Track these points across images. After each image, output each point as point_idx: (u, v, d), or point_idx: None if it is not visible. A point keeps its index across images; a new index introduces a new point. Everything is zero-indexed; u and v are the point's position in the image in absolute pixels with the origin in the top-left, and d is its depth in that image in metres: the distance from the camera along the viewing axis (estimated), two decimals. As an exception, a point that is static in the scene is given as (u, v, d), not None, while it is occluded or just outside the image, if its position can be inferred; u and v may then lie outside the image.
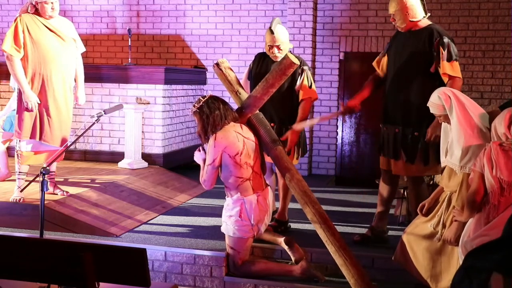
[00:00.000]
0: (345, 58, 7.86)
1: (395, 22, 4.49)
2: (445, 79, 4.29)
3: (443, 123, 3.81)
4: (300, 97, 4.87)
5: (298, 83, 4.86)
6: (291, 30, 7.76)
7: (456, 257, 3.61)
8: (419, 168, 4.42)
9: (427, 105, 3.85)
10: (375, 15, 7.74)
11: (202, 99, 4.30)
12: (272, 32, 4.82)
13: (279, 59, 4.83)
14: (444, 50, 4.28)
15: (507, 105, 4.32)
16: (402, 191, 5.25)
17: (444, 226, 3.71)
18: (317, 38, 7.96)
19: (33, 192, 5.18)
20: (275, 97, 4.59)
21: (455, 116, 3.62)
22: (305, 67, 4.89)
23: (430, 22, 4.48)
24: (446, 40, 4.30)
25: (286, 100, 4.87)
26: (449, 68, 4.27)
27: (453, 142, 3.63)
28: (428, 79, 4.35)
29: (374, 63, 4.77)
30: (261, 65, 5.01)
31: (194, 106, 4.31)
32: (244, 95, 4.48)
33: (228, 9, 8.21)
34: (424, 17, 4.44)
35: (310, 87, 4.87)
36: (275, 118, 4.91)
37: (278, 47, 4.86)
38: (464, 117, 3.59)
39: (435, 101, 3.74)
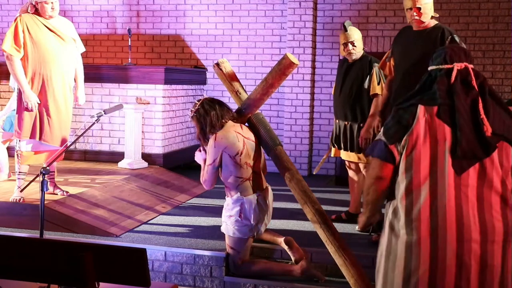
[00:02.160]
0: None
1: (420, 17, 4.41)
2: None
3: None
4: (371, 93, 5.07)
5: (367, 81, 5.07)
6: (291, 30, 7.77)
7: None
8: None
9: None
10: (375, 15, 7.74)
11: (197, 102, 4.33)
12: (345, 30, 5.09)
13: (354, 57, 5.15)
14: None
15: (508, 105, 4.32)
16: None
17: None
18: (317, 38, 7.96)
19: (33, 192, 5.18)
20: (347, 95, 5.07)
21: None
22: (375, 65, 5.07)
23: (436, 22, 4.49)
24: (457, 38, 4.34)
25: (357, 98, 5.10)
26: None
27: None
28: None
29: (381, 68, 4.81)
30: (340, 68, 5.34)
31: (191, 111, 4.34)
32: (244, 95, 4.48)
33: (228, 9, 8.21)
34: (435, 15, 4.50)
35: (378, 84, 5.05)
36: (349, 116, 5.15)
37: (352, 43, 5.09)
38: None
39: None
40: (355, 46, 5.11)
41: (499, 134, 2.65)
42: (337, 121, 5.30)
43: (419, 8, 4.38)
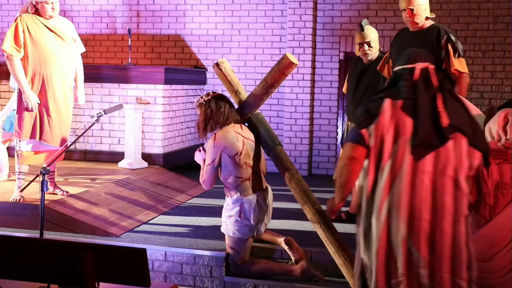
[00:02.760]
0: (345, 58, 7.86)
1: (413, 18, 4.47)
2: (454, 76, 4.38)
3: None
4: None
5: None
6: (291, 30, 7.77)
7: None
8: None
9: None
10: (375, 15, 7.74)
11: (211, 93, 4.33)
12: (362, 29, 5.01)
13: (369, 57, 5.07)
14: (452, 47, 4.37)
15: (507, 105, 4.32)
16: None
17: None
18: (317, 38, 7.96)
19: (33, 192, 5.18)
20: (361, 97, 4.83)
21: None
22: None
23: (433, 22, 4.52)
24: (453, 37, 4.38)
25: None
26: (458, 65, 4.37)
27: None
28: None
29: (379, 70, 4.81)
30: (353, 67, 5.23)
31: (201, 97, 4.32)
32: (244, 94, 4.48)
33: (228, 9, 8.21)
34: (432, 16, 4.54)
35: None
36: None
37: (369, 44, 5.01)
38: None
39: None
40: (371, 47, 5.04)
41: (454, 126, 2.93)
42: (349, 122, 5.26)
43: (412, 10, 4.45)
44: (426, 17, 4.52)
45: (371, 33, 5.04)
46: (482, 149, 3.02)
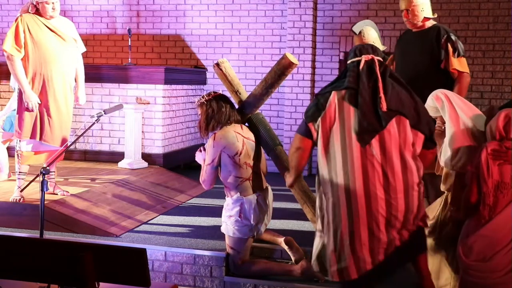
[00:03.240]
0: (345, 58, 7.85)
1: (410, 19, 4.51)
2: (454, 75, 4.40)
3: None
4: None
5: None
6: (291, 30, 7.77)
7: (454, 256, 3.62)
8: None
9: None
10: (375, 15, 7.74)
11: (212, 93, 4.33)
12: (355, 34, 4.96)
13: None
14: (452, 47, 4.39)
15: (508, 106, 4.32)
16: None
17: (440, 225, 3.72)
18: (317, 38, 7.96)
19: (33, 192, 5.18)
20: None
21: (448, 118, 3.66)
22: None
23: (434, 22, 4.55)
24: (453, 37, 4.40)
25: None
26: (457, 64, 4.40)
27: (446, 142, 3.67)
28: (438, 77, 4.42)
29: None
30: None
31: (203, 97, 4.32)
32: (244, 94, 4.48)
33: (228, 9, 8.21)
34: (434, 16, 4.55)
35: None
36: None
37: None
38: (455, 118, 3.62)
39: (429, 103, 3.80)
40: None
41: (394, 109, 3.25)
42: None
43: (408, 10, 4.48)
44: (426, 17, 4.53)
45: (369, 36, 4.94)
46: (425, 132, 3.33)
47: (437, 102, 3.72)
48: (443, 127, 3.83)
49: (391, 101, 3.24)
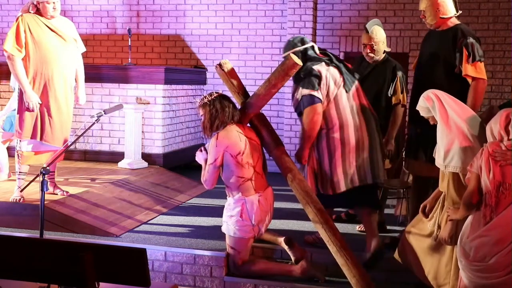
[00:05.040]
0: (345, 58, 7.85)
1: (425, 19, 4.42)
2: (469, 81, 4.20)
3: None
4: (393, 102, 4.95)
5: (391, 89, 4.93)
6: (291, 30, 7.76)
7: (455, 257, 3.62)
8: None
9: (416, 108, 3.88)
10: (375, 15, 7.74)
11: (214, 93, 4.32)
12: (366, 31, 4.94)
13: (374, 59, 4.97)
14: (467, 51, 4.19)
15: (508, 105, 4.31)
16: (402, 191, 5.25)
17: (439, 225, 3.72)
18: (317, 38, 7.96)
19: (33, 192, 5.18)
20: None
21: (438, 117, 3.66)
22: (399, 72, 4.95)
23: (458, 22, 4.41)
24: (470, 40, 4.21)
25: (373, 104, 4.70)
26: (471, 70, 4.18)
27: (438, 142, 3.68)
28: (454, 80, 4.26)
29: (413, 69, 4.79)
30: (358, 66, 5.08)
31: (205, 97, 4.31)
32: (246, 95, 4.47)
33: (228, 9, 8.21)
34: (455, 15, 4.37)
35: (402, 92, 4.95)
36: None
37: (371, 46, 4.92)
38: (445, 118, 3.62)
39: (420, 103, 3.80)
40: (374, 50, 4.92)
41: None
42: None
43: (423, 11, 4.43)
44: (442, 18, 4.31)
45: (377, 35, 4.92)
46: None
47: (428, 102, 3.73)
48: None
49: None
